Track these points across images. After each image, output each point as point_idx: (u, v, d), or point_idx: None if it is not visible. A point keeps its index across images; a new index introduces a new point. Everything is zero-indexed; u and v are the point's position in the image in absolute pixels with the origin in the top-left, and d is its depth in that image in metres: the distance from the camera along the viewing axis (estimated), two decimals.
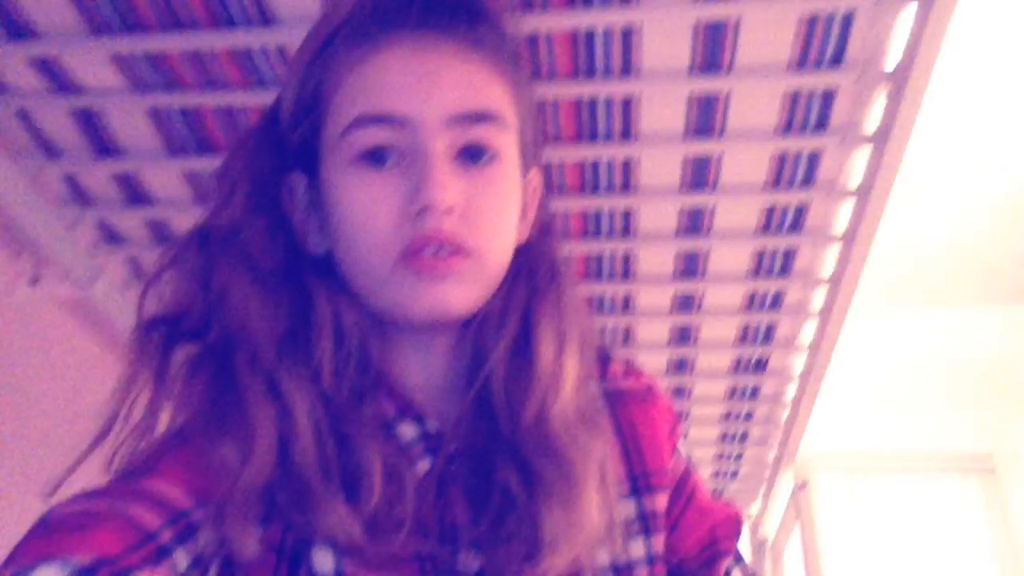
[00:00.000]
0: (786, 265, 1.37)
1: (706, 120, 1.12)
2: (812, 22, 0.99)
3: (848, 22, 0.99)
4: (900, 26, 0.98)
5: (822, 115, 1.10)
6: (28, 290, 1.30)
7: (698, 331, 1.55)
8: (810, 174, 1.19)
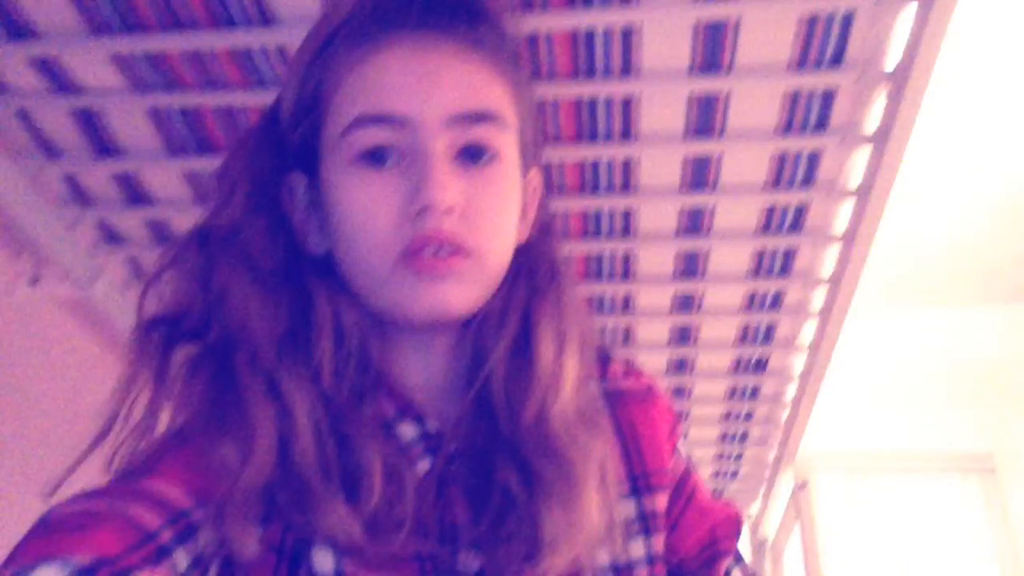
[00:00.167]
0: (786, 265, 1.37)
1: (706, 120, 1.12)
2: (812, 22, 0.99)
3: (848, 22, 0.99)
4: (900, 26, 0.98)
5: (822, 115, 1.10)
6: (28, 290, 1.30)
7: (698, 331, 1.55)
8: (810, 174, 1.19)
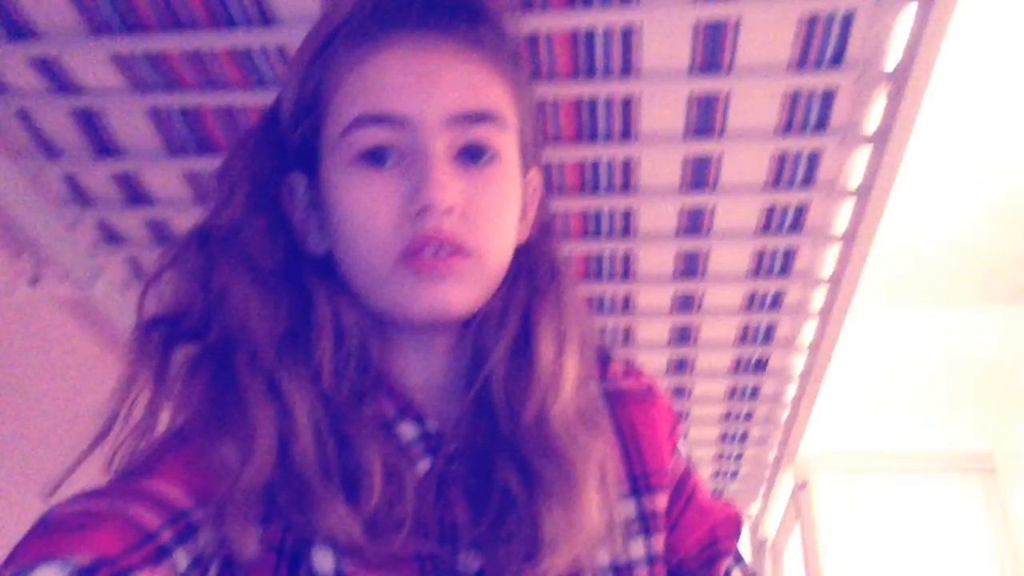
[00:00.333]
0: (786, 265, 1.37)
1: (706, 120, 1.12)
2: (812, 22, 0.99)
3: (848, 22, 0.99)
4: (900, 26, 0.98)
5: (822, 115, 1.10)
6: (28, 290, 1.30)
7: (698, 331, 1.55)
8: (810, 174, 1.19)
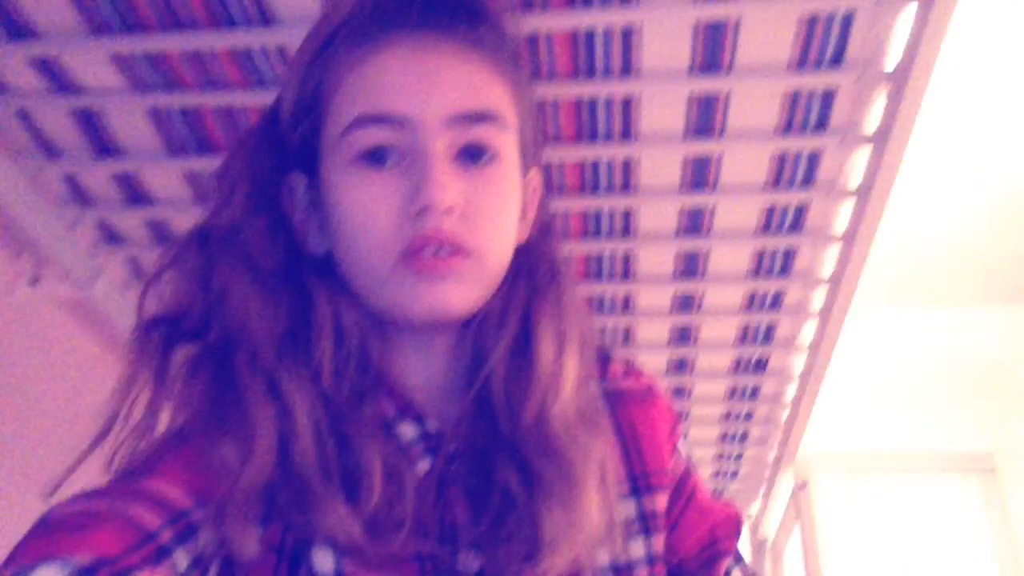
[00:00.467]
0: (786, 265, 1.37)
1: (706, 120, 1.12)
2: (812, 22, 0.99)
3: (848, 22, 0.99)
4: (900, 26, 0.98)
5: (822, 115, 1.10)
6: (28, 290, 1.30)
7: (698, 331, 1.55)
8: (810, 174, 1.19)
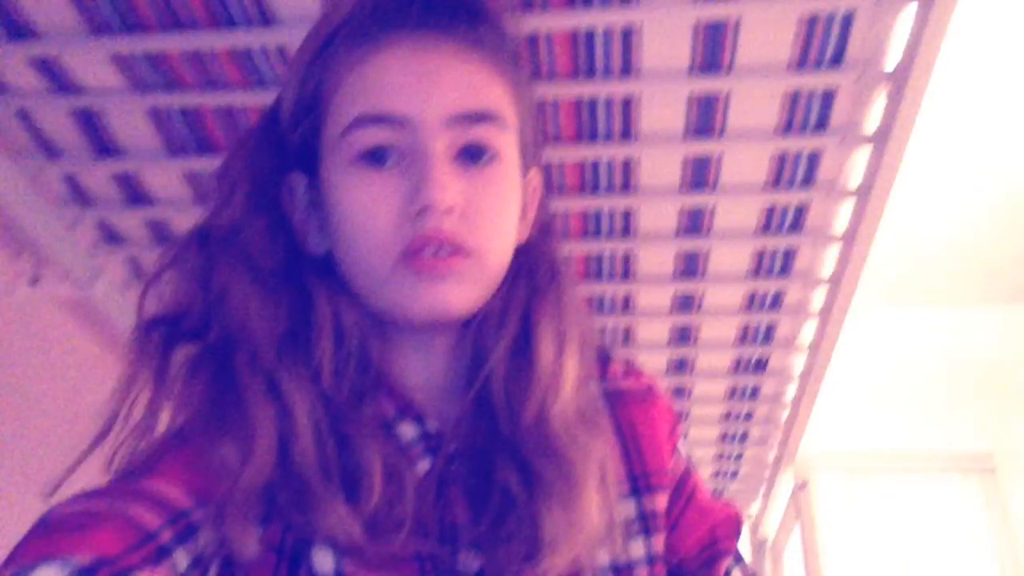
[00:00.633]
0: (786, 265, 1.37)
1: (706, 120, 1.12)
2: (812, 22, 0.99)
3: (848, 22, 0.99)
4: (900, 26, 0.98)
5: (822, 115, 1.10)
6: (28, 290, 1.30)
7: (698, 331, 1.55)
8: (810, 174, 1.19)
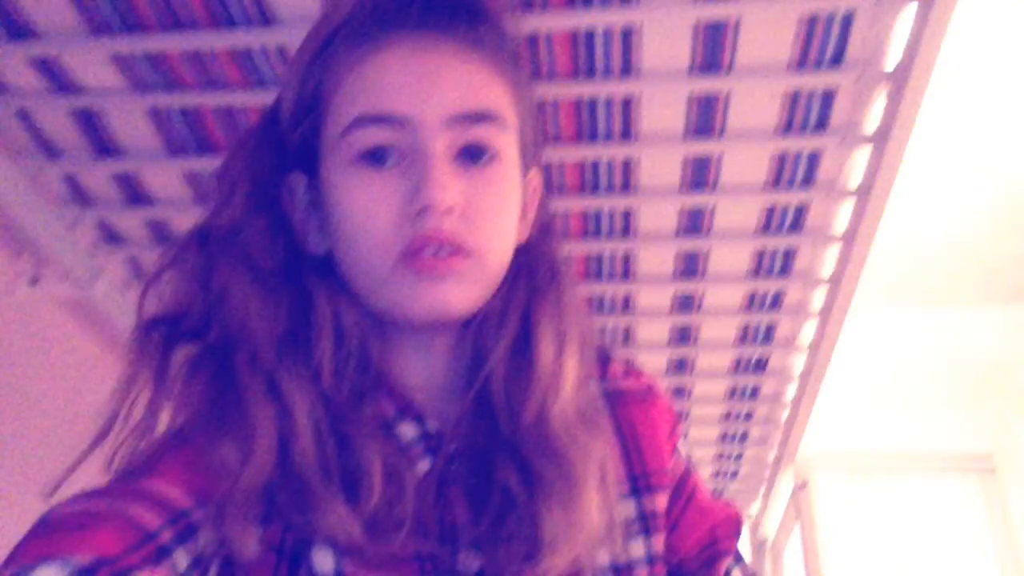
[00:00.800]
0: (786, 265, 1.37)
1: (706, 120, 1.12)
2: (812, 22, 0.99)
3: (848, 22, 0.99)
4: (900, 26, 0.98)
5: (822, 115, 1.10)
6: (28, 290, 1.30)
7: (698, 331, 1.55)
8: (810, 174, 1.19)
